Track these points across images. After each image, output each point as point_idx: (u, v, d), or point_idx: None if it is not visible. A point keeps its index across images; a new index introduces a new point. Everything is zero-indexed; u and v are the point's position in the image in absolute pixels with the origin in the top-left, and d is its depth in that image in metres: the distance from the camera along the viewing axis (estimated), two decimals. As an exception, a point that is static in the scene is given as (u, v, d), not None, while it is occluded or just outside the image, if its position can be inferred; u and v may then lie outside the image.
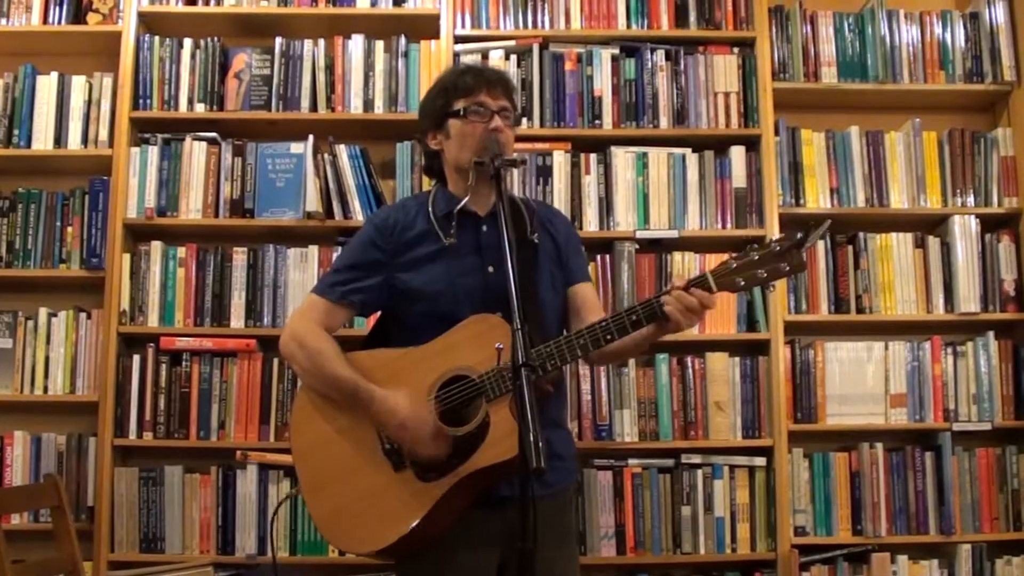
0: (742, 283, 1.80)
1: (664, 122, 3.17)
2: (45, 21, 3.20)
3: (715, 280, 1.80)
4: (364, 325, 2.89)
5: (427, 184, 3.06)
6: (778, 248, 1.77)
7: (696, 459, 3.02)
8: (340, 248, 3.08)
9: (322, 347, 1.97)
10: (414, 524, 1.85)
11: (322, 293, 2.05)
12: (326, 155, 3.12)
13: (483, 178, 1.96)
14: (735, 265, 1.80)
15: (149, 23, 3.25)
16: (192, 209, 3.12)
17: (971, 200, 3.21)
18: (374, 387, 1.91)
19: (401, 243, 2.02)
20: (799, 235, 1.77)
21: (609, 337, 1.83)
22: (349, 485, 1.93)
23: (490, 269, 1.97)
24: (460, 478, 1.84)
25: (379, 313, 2.15)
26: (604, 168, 3.15)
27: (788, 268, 1.77)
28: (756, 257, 1.79)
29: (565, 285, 2.09)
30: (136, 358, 3.04)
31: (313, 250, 3.11)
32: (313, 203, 3.05)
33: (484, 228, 2.02)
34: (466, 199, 2.00)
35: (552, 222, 2.14)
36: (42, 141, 3.15)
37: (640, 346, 1.97)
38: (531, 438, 1.42)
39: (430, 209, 2.05)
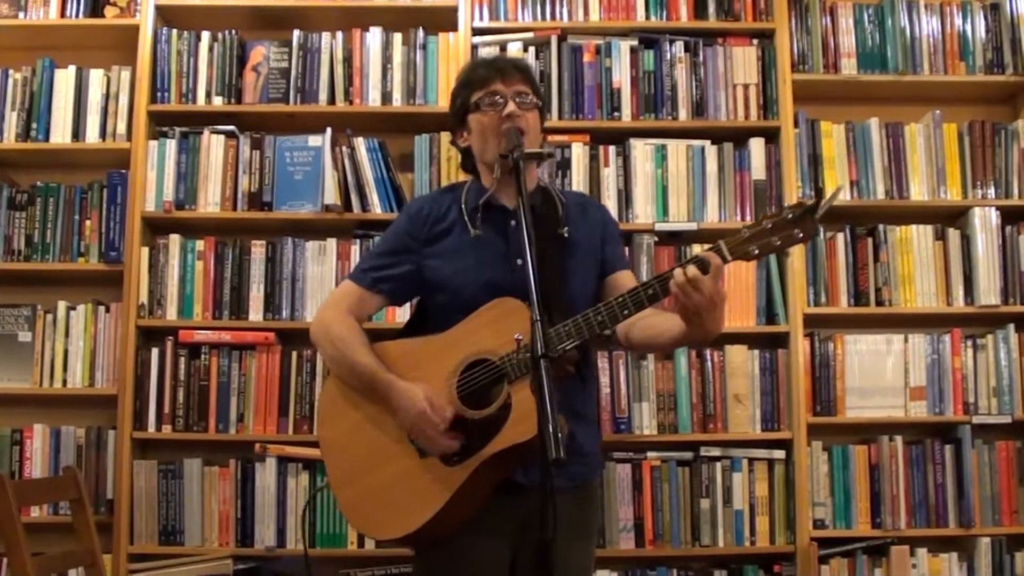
0: (756, 251, 1.76)
1: (683, 114, 3.16)
2: (63, 15, 3.20)
3: (729, 249, 1.77)
4: (381, 319, 2.89)
5: (445, 178, 3.10)
6: (791, 215, 1.74)
7: (715, 452, 3.02)
8: (358, 240, 3.10)
9: (346, 334, 2.00)
10: (437, 509, 1.87)
11: (355, 279, 2.08)
12: (344, 148, 3.12)
13: (510, 171, 1.95)
14: (748, 234, 1.77)
15: (166, 16, 3.25)
16: (210, 202, 3.12)
17: (991, 192, 3.19)
18: (393, 378, 1.93)
19: (433, 233, 2.04)
20: (812, 201, 1.74)
21: (626, 312, 1.81)
22: (376, 473, 1.95)
23: (518, 262, 1.95)
24: (483, 460, 1.85)
25: (416, 300, 2.17)
26: (623, 160, 3.14)
27: (801, 235, 1.74)
28: (769, 226, 1.76)
29: (601, 276, 2.09)
30: (155, 351, 3.05)
31: (331, 243, 3.11)
32: (331, 196, 3.05)
33: (512, 222, 2.01)
34: (490, 192, 2.01)
35: (586, 212, 2.13)
36: (60, 135, 3.15)
37: (676, 339, 1.90)
38: (550, 429, 1.43)
39: (463, 201, 2.06)
